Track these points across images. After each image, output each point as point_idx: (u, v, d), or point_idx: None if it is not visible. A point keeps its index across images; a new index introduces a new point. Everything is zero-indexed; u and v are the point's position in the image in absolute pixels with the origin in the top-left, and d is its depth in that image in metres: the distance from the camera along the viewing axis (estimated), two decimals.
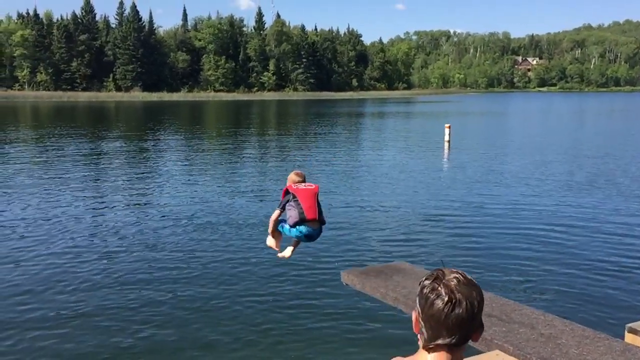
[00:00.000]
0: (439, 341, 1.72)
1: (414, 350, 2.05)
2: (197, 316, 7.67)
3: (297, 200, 5.30)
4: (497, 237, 11.67)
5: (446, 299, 1.68)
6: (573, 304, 8.07)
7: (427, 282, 1.76)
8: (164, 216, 13.46)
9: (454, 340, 1.71)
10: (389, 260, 9.64)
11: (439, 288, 1.71)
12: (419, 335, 1.80)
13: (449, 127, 29.48)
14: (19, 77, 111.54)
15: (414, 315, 1.80)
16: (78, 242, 11.25)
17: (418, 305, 1.76)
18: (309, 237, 5.50)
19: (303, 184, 5.49)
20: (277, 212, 5.52)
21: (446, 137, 29.24)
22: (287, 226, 5.42)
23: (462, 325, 1.69)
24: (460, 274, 1.74)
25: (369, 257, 10.23)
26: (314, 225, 5.39)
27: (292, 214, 5.31)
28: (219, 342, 6.93)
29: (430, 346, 1.74)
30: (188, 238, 11.56)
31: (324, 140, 33.58)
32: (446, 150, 27.42)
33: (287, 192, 5.44)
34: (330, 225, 12.50)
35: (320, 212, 5.41)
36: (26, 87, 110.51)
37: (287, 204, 5.38)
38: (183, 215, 13.47)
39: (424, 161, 23.74)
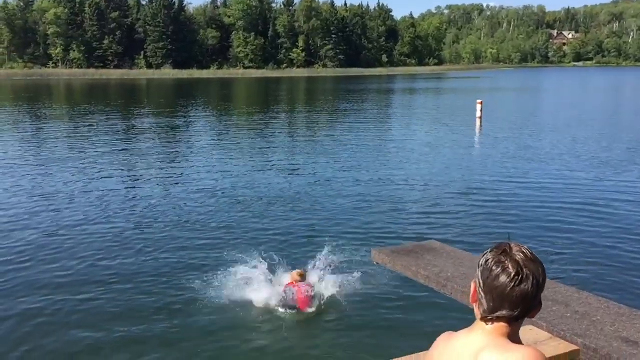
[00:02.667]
0: (500, 313, 1.71)
1: (447, 327, 2.04)
2: (228, 280, 7.88)
3: (294, 295, 6.95)
4: (531, 212, 11.52)
5: (513, 273, 1.67)
6: (608, 280, 7.95)
7: (491, 255, 1.73)
8: (196, 190, 13.65)
9: (516, 313, 1.70)
10: (420, 235, 9.61)
11: (506, 262, 1.69)
12: (475, 306, 1.79)
13: (481, 103, 28.98)
14: (53, 55, 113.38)
15: (472, 287, 1.78)
16: (114, 213, 11.56)
17: (480, 277, 1.74)
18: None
19: (302, 282, 7.16)
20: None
21: (478, 114, 28.78)
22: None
23: (525, 300, 1.69)
24: (526, 249, 1.72)
25: (400, 232, 10.21)
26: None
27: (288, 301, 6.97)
28: (249, 305, 7.21)
29: (490, 317, 1.73)
30: (220, 210, 11.74)
31: (354, 116, 33.40)
32: (478, 127, 27.01)
33: (287, 287, 7.08)
34: (362, 200, 12.51)
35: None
36: (60, 64, 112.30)
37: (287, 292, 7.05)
38: (216, 189, 13.65)
39: (456, 137, 23.45)
